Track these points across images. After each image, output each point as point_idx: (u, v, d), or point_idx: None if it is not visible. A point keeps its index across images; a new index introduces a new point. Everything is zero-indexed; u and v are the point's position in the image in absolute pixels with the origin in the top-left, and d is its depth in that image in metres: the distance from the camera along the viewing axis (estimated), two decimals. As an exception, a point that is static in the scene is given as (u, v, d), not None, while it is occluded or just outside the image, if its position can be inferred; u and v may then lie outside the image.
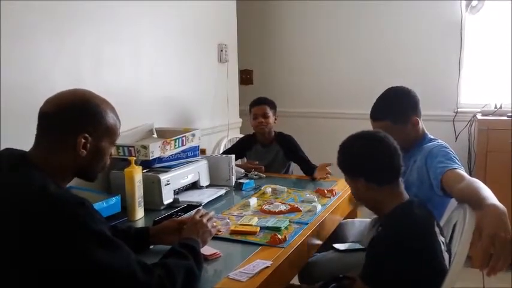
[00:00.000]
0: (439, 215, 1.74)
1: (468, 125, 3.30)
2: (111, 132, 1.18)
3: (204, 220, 1.42)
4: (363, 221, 2.21)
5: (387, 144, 1.42)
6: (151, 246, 1.46)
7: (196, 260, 1.21)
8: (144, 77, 2.36)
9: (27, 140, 1.14)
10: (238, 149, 2.70)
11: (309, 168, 2.51)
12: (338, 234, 2.05)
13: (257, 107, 2.65)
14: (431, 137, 1.85)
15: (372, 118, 1.84)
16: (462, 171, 1.60)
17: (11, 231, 0.97)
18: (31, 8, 1.72)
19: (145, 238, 1.44)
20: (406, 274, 1.26)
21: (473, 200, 1.36)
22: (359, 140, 1.45)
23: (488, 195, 1.32)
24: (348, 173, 1.47)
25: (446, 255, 1.35)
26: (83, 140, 1.11)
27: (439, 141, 1.80)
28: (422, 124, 1.85)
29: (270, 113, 2.63)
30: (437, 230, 1.36)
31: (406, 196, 1.42)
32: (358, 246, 1.88)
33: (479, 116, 3.13)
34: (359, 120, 2.06)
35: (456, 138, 3.31)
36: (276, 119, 2.69)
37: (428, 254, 1.30)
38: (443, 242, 1.35)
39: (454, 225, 1.50)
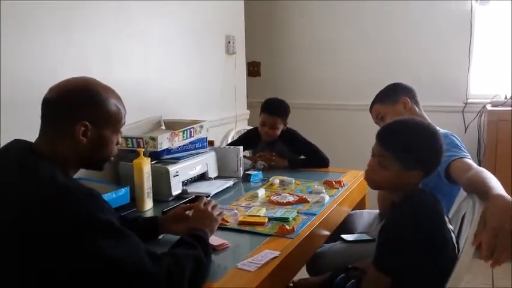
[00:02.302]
0: (448, 204, 1.74)
1: (478, 116, 3.27)
2: (113, 120, 1.15)
3: (209, 208, 1.42)
4: (371, 212, 2.21)
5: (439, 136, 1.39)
6: (160, 236, 1.46)
7: (204, 250, 1.21)
8: (153, 69, 2.37)
9: (35, 136, 1.13)
10: (243, 142, 2.68)
11: (319, 161, 2.46)
12: (346, 225, 2.06)
13: (268, 115, 2.48)
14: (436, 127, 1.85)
15: (370, 111, 1.99)
16: (469, 160, 1.59)
17: (17, 223, 0.96)
18: (39, 3, 1.72)
19: (153, 228, 1.45)
20: (418, 262, 1.26)
21: (480, 190, 1.35)
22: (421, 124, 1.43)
23: (495, 185, 1.31)
24: (398, 150, 1.33)
25: (455, 246, 1.34)
26: (83, 128, 1.09)
27: (443, 130, 1.79)
28: (422, 112, 1.89)
29: (280, 124, 2.50)
30: (446, 219, 1.35)
31: (419, 185, 1.41)
32: (366, 237, 1.88)
33: (489, 107, 3.11)
34: (367, 112, 2.05)
35: (466, 129, 3.29)
36: (286, 124, 2.54)
37: (441, 242, 1.29)
38: (452, 231, 1.35)
39: (463, 216, 1.49)
